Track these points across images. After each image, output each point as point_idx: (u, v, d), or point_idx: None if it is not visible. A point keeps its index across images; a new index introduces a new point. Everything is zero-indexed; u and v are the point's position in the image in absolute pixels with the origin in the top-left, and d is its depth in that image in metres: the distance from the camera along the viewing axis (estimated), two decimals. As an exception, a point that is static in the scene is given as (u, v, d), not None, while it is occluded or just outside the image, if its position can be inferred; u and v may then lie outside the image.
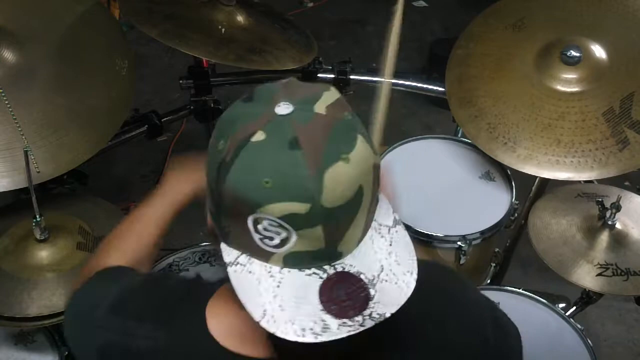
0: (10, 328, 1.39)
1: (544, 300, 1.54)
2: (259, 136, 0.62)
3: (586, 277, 1.41)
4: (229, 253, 0.68)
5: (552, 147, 1.45)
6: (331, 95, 0.67)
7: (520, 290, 1.57)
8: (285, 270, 0.65)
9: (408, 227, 1.59)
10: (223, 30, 1.61)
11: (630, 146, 1.39)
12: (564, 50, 1.48)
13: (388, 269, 0.67)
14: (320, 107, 0.65)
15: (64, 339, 1.47)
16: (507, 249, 1.93)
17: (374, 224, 0.69)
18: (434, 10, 4.27)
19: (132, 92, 1.52)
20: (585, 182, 1.58)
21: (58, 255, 1.37)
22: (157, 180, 2.90)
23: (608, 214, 1.45)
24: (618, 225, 1.47)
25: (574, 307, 1.66)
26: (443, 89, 1.67)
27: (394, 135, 3.10)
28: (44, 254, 1.36)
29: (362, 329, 0.62)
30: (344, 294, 0.64)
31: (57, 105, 1.38)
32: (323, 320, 0.62)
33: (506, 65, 1.57)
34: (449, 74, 1.64)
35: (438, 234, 1.58)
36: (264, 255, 0.65)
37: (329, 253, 0.65)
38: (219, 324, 0.75)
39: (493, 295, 1.55)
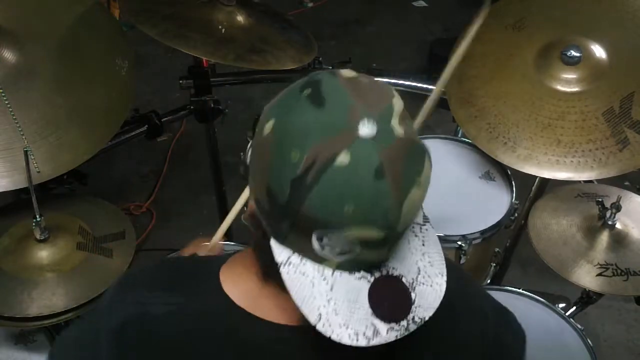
0: (10, 328, 1.39)
1: (544, 300, 1.54)
2: (344, 159, 0.60)
3: (586, 277, 1.41)
4: (280, 252, 0.67)
5: (552, 147, 1.45)
6: (398, 102, 0.67)
7: (520, 290, 1.57)
8: (337, 273, 0.67)
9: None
10: (223, 30, 1.61)
11: (630, 146, 1.39)
12: (564, 50, 1.48)
13: (424, 271, 0.70)
14: (397, 126, 0.64)
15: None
16: (507, 249, 1.93)
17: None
18: (434, 10, 4.27)
19: (132, 92, 1.52)
20: (585, 182, 1.59)
21: (58, 255, 1.37)
22: (157, 181, 2.92)
23: (608, 214, 1.45)
24: (618, 225, 1.47)
25: (574, 307, 1.66)
26: (443, 89, 1.67)
27: (394, 135, 3.12)
28: (44, 254, 1.36)
29: (407, 333, 0.65)
30: (390, 298, 0.67)
31: (57, 105, 1.38)
32: (374, 325, 0.65)
33: (506, 65, 1.57)
34: (449, 74, 1.64)
35: (438, 234, 1.57)
36: (318, 259, 0.66)
37: (371, 261, 0.67)
38: (241, 292, 0.75)
39: (493, 295, 1.54)
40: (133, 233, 1.46)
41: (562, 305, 1.74)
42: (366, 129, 0.61)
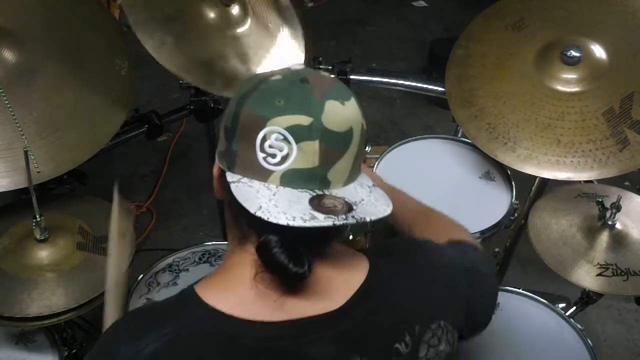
0: (10, 328, 1.39)
1: (544, 300, 1.54)
2: (277, 77, 0.78)
3: (586, 277, 1.41)
4: (232, 177, 0.78)
5: (552, 147, 1.45)
6: None
7: (520, 290, 1.57)
8: (281, 187, 0.76)
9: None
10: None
11: (630, 146, 1.39)
12: (564, 50, 1.48)
13: (368, 200, 0.79)
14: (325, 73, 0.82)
15: (64, 339, 1.47)
16: (507, 249, 1.93)
17: (356, 182, 0.81)
18: (434, 10, 4.27)
19: (132, 92, 1.52)
20: (585, 182, 1.59)
21: (58, 255, 1.37)
22: (157, 181, 2.91)
23: (608, 214, 1.45)
24: (618, 225, 1.47)
25: (574, 307, 1.66)
26: (443, 89, 1.67)
27: (394, 135, 3.11)
28: (44, 254, 1.36)
29: (344, 222, 0.73)
30: (330, 204, 0.75)
31: (57, 105, 1.38)
32: (312, 214, 0.73)
33: (506, 65, 1.57)
34: (449, 74, 1.64)
35: (438, 234, 1.58)
36: (265, 175, 0.76)
37: (320, 176, 0.76)
38: (225, 300, 0.78)
39: (493, 295, 1.55)
40: (133, 233, 1.45)
41: (562, 305, 1.74)
42: (295, 65, 0.81)
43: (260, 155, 0.75)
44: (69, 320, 1.33)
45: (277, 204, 0.73)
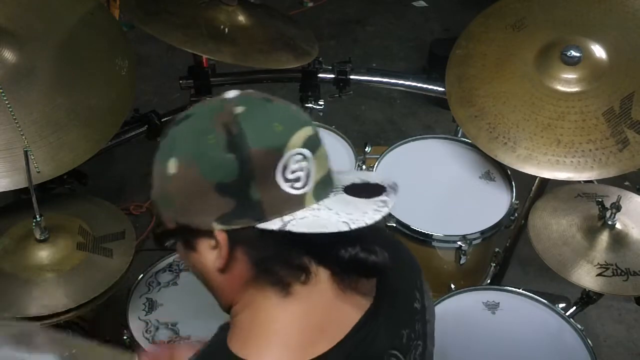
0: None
1: (544, 300, 1.54)
2: (239, 109, 0.71)
3: (586, 277, 1.41)
4: (271, 224, 0.70)
5: (552, 147, 1.45)
6: None
7: (520, 290, 1.57)
8: (320, 202, 0.73)
9: (408, 227, 1.60)
10: (226, 30, 1.61)
11: (630, 146, 1.39)
12: (564, 50, 1.48)
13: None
14: None
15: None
16: (507, 249, 1.93)
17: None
18: (434, 10, 4.27)
19: (132, 92, 1.52)
20: (585, 182, 1.59)
21: (58, 255, 1.36)
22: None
23: (608, 214, 1.45)
24: (618, 225, 1.47)
25: (574, 307, 1.66)
26: (443, 89, 1.68)
27: (394, 135, 3.11)
28: (44, 254, 1.36)
29: (394, 192, 0.77)
30: (364, 189, 0.77)
31: (57, 105, 1.38)
32: (380, 200, 0.75)
33: (506, 65, 1.57)
34: (449, 74, 1.64)
35: (438, 234, 1.58)
36: (300, 202, 0.72)
37: (331, 177, 0.76)
38: (274, 345, 0.74)
39: (493, 295, 1.55)
40: (133, 233, 1.46)
41: (562, 305, 1.74)
42: (230, 93, 0.75)
43: (286, 185, 0.70)
44: (69, 320, 1.33)
45: (348, 212, 0.72)
